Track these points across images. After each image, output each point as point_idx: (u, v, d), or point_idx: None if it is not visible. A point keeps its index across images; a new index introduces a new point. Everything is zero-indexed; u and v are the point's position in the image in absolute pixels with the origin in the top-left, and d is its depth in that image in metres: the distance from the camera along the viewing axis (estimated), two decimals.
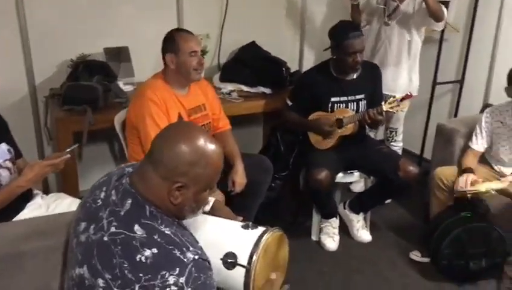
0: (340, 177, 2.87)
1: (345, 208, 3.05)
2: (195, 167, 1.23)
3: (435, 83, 3.46)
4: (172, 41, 2.27)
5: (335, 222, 2.93)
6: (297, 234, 2.99)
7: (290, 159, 3.04)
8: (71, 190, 2.53)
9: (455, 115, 3.62)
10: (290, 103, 2.89)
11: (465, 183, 2.51)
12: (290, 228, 2.98)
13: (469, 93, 3.56)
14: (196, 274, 1.17)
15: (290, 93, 2.93)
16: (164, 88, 2.30)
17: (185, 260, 1.17)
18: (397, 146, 3.37)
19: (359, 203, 2.99)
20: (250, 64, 3.18)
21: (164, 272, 1.14)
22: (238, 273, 1.55)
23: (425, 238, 2.72)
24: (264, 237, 1.59)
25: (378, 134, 3.65)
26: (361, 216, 3.01)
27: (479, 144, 2.71)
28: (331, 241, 2.89)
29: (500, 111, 2.66)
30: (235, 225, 1.70)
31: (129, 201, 1.23)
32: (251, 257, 1.54)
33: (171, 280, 1.14)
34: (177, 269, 1.15)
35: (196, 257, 1.19)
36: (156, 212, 1.23)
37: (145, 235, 1.18)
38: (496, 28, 3.30)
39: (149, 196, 1.23)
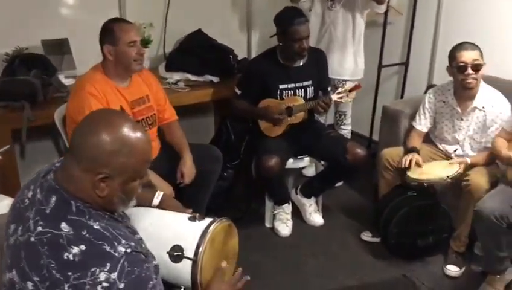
0: (291, 163, 2.89)
1: (297, 193, 3.08)
2: (117, 156, 1.17)
3: (380, 66, 3.53)
4: (109, 32, 2.19)
5: (288, 207, 2.95)
6: (251, 221, 3.01)
7: (241, 147, 3.03)
8: (12, 190, 2.41)
9: (401, 97, 3.71)
10: (238, 92, 2.87)
11: (408, 162, 2.58)
12: (243, 216, 3.03)
13: (414, 74, 3.65)
14: (129, 268, 1.13)
15: (238, 81, 2.91)
16: (104, 81, 2.22)
17: (116, 254, 1.13)
18: (346, 129, 3.42)
19: (310, 188, 3.03)
20: (197, 52, 3.13)
21: (94, 269, 1.10)
22: (185, 266, 1.53)
23: (374, 219, 2.78)
24: (211, 228, 1.58)
25: (328, 118, 3.68)
26: (313, 200, 3.04)
27: (422, 124, 2.78)
28: (285, 227, 2.91)
29: (442, 91, 2.73)
30: (182, 217, 1.67)
31: (54, 198, 1.18)
32: (197, 248, 1.52)
33: (102, 276, 1.10)
34: (108, 264, 1.11)
35: (128, 250, 1.15)
36: (83, 207, 1.18)
37: (72, 232, 1.13)
38: (437, 10, 3.38)
39: (74, 190, 1.18)
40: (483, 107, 2.57)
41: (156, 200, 1.74)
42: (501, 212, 2.17)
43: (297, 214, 3.05)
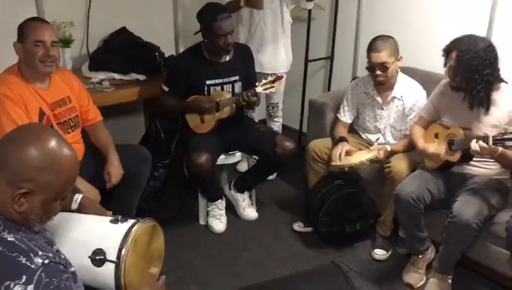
0: (222, 159, 2.91)
1: (230, 189, 3.09)
2: (44, 173, 1.16)
3: (307, 61, 3.61)
4: (20, 30, 2.11)
5: (221, 203, 2.96)
6: (185, 220, 3.00)
7: (172, 146, 2.99)
8: None
9: (328, 90, 3.82)
10: (166, 89, 2.83)
11: (340, 153, 2.66)
12: (177, 215, 3.01)
13: (339, 68, 3.76)
14: (47, 279, 1.11)
15: (165, 79, 2.87)
16: (19, 82, 2.12)
17: (33, 266, 1.10)
18: (278, 122, 3.48)
19: (243, 183, 3.06)
20: (121, 51, 3.05)
21: (8, 282, 1.06)
22: (108, 269, 1.50)
23: (305, 209, 2.86)
24: (134, 229, 1.56)
25: (260, 114, 3.72)
26: (246, 195, 3.07)
27: (346, 115, 2.89)
28: (219, 223, 2.92)
29: (363, 82, 2.84)
30: (104, 220, 1.64)
31: None
32: (120, 251, 1.50)
33: (17, 289, 1.06)
34: (24, 276, 1.08)
35: (46, 261, 1.13)
36: None
37: None
38: (357, 5, 3.50)
39: None
40: (401, 97, 2.70)
41: (75, 205, 1.69)
42: (418, 195, 2.29)
43: (232, 210, 3.08)
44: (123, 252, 1.50)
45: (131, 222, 1.60)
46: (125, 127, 3.35)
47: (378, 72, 2.59)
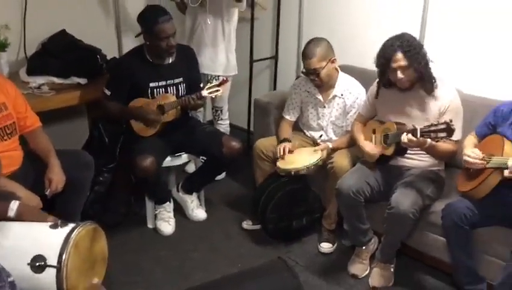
0: (169, 161, 2.89)
1: (178, 191, 3.09)
2: None
3: (252, 60, 3.65)
4: None
5: (169, 206, 2.96)
6: (133, 224, 2.97)
7: (116, 149, 2.95)
8: None
9: (274, 89, 3.88)
10: (108, 92, 2.79)
11: (283, 154, 2.73)
12: (124, 219, 2.97)
13: (284, 67, 3.83)
14: None
15: (106, 82, 2.83)
16: None
17: None
18: (224, 124, 3.51)
19: (191, 184, 3.06)
20: (61, 54, 2.98)
21: None
22: (49, 275, 1.49)
23: (253, 207, 2.90)
24: (74, 234, 1.55)
25: (207, 114, 3.74)
26: (194, 196, 3.08)
27: (290, 114, 2.95)
28: (167, 225, 2.91)
29: (306, 81, 2.90)
30: (43, 226, 1.62)
31: None
32: (60, 255, 1.49)
33: None
34: None
35: None
36: None
37: None
38: (299, 5, 3.57)
39: None
40: (342, 95, 2.79)
41: (11, 212, 1.65)
42: (357, 188, 2.38)
43: (181, 211, 3.07)
44: (64, 256, 1.49)
45: (71, 226, 1.59)
46: (69, 132, 3.26)
47: (312, 77, 2.69)
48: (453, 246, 2.23)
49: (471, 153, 2.14)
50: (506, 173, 1.96)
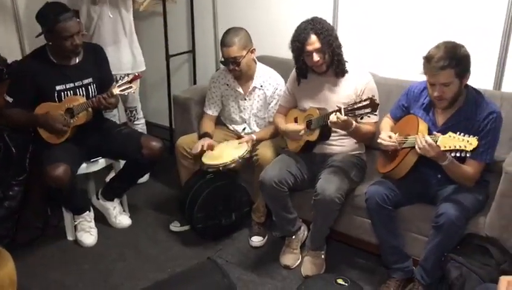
0: (84, 168, 2.71)
1: (98, 198, 2.92)
2: None
3: (168, 55, 3.52)
4: None
5: (89, 215, 2.79)
6: (52, 238, 2.78)
7: (26, 160, 2.72)
8: None
9: (194, 84, 3.78)
10: (10, 99, 2.56)
11: (200, 148, 2.65)
12: (42, 233, 2.76)
13: (203, 61, 3.74)
14: None
15: (7, 88, 2.59)
16: None
17: None
18: (140, 123, 3.37)
19: (111, 190, 2.91)
20: None
21: None
22: None
23: (180, 208, 2.80)
24: None
25: (121, 116, 3.56)
26: (116, 202, 2.92)
27: (211, 108, 2.88)
28: (89, 236, 2.74)
29: (224, 74, 2.84)
30: None
31: None
32: None
33: None
34: None
35: None
36: None
37: None
38: None
39: None
40: (261, 86, 2.75)
41: None
42: (280, 178, 2.36)
43: (103, 220, 2.90)
44: None
45: None
46: None
47: (231, 67, 2.63)
48: (378, 227, 2.27)
49: (385, 136, 2.19)
50: (418, 151, 2.01)
